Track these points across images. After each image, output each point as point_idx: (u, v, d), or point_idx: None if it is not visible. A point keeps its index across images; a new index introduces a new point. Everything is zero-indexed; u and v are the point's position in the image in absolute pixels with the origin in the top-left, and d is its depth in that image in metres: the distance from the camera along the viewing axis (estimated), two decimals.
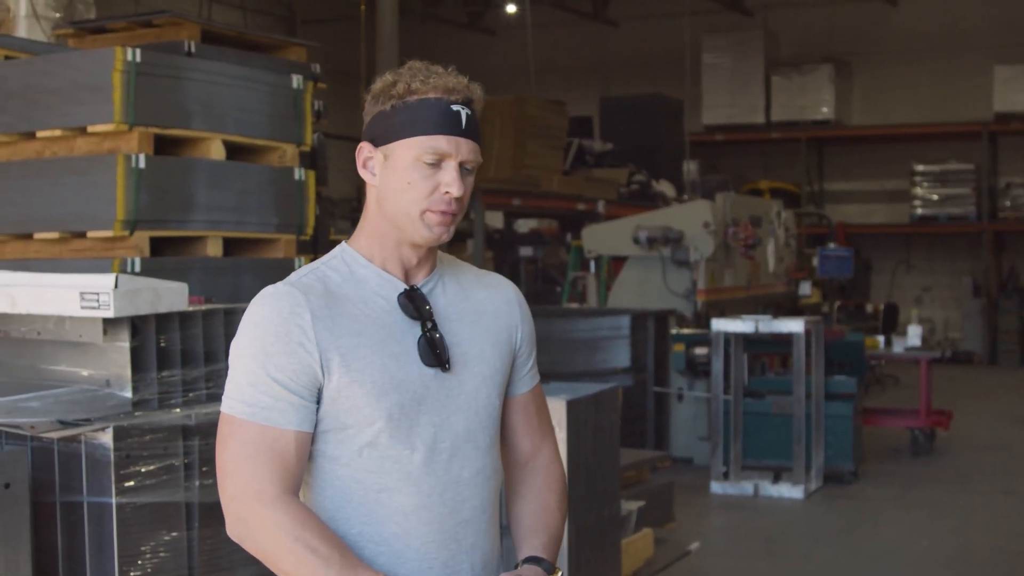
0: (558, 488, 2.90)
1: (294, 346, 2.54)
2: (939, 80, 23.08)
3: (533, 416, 2.91)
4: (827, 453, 11.24)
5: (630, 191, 17.20)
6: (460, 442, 2.66)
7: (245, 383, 2.56)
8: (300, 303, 2.56)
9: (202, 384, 4.92)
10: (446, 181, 2.59)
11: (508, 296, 2.86)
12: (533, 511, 2.84)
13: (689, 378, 12.07)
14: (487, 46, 24.73)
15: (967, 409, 15.04)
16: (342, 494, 2.62)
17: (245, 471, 2.54)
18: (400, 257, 2.68)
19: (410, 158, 2.59)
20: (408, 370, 2.61)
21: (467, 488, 2.67)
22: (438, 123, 2.59)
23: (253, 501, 2.52)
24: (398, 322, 2.63)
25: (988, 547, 8.94)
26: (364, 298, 2.63)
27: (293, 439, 2.55)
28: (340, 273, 2.66)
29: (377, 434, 2.58)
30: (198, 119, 6.41)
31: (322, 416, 2.59)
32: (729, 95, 23.31)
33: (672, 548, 8.70)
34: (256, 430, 2.54)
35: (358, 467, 2.60)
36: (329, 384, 2.56)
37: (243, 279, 6.68)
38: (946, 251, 23.60)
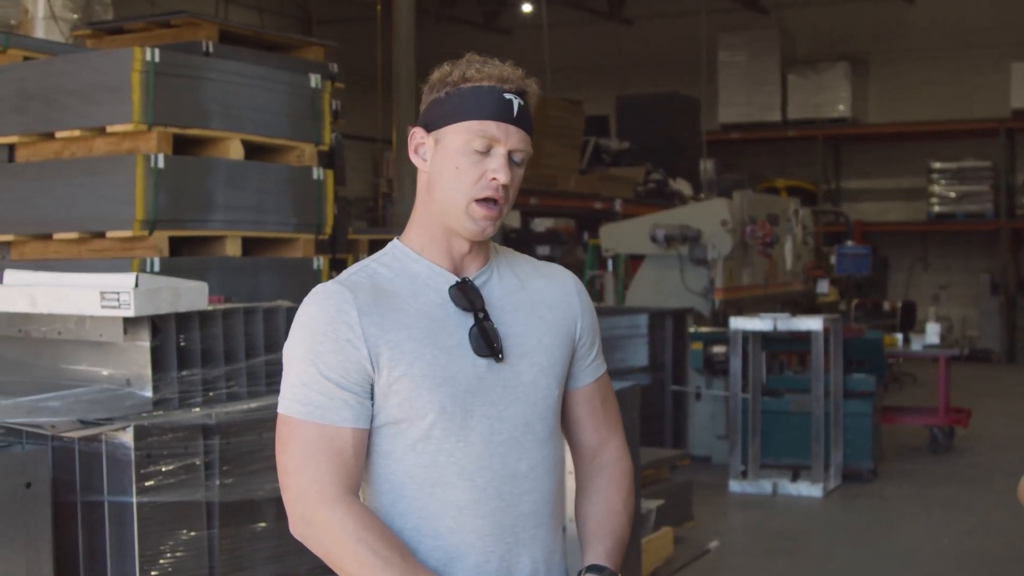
0: (625, 485, 2.87)
1: (342, 343, 2.55)
2: (956, 77, 23.03)
3: (599, 408, 2.87)
4: (846, 451, 11.21)
5: (647, 190, 17.19)
6: (518, 434, 2.65)
7: (299, 383, 2.58)
8: (347, 300, 2.57)
9: (222, 383, 4.93)
10: (493, 167, 2.59)
11: (567, 286, 2.83)
12: (599, 512, 2.81)
13: (707, 376, 12.05)
14: (503, 46, 24.73)
15: (985, 407, 15.00)
16: (396, 489, 2.62)
17: (306, 471, 2.55)
18: (450, 248, 2.68)
19: (460, 142, 2.60)
20: (461, 362, 2.60)
21: (525, 481, 2.66)
22: (489, 109, 2.60)
23: (315, 501, 2.53)
24: (450, 315, 2.63)
25: (1007, 545, 8.91)
26: (414, 292, 2.63)
27: (350, 436, 2.56)
28: (391, 269, 2.67)
29: (430, 427, 2.58)
30: (216, 119, 6.43)
31: (375, 411, 2.60)
32: (745, 93, 23.28)
33: (691, 547, 8.70)
34: (314, 429, 2.55)
35: (412, 462, 2.60)
36: (380, 379, 2.56)
37: (261, 279, 6.69)
38: (963, 249, 23.54)
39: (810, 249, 16.05)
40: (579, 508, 2.86)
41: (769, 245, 13.68)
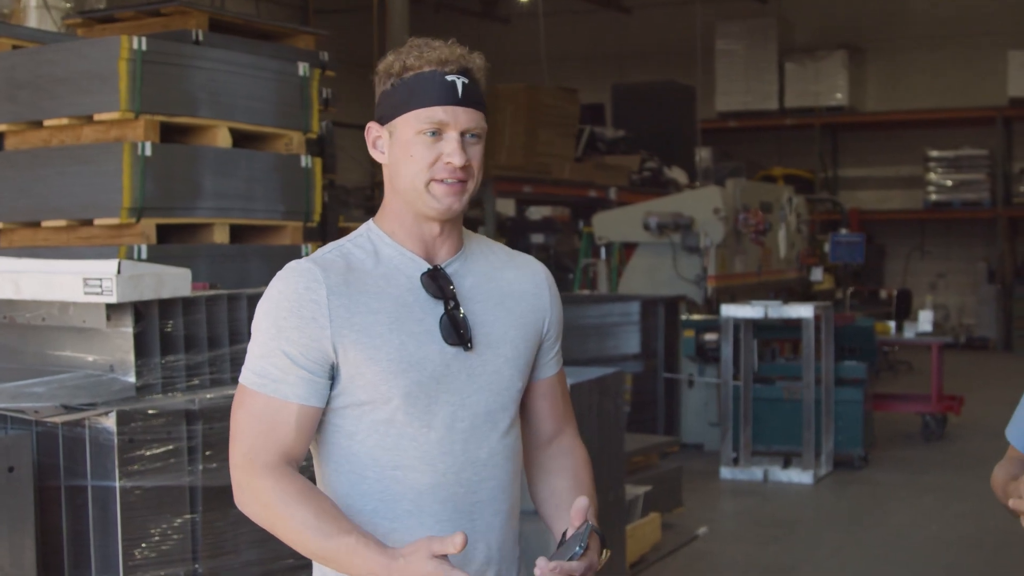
0: (589, 468, 2.91)
1: (307, 321, 2.57)
2: (953, 66, 23.03)
3: (558, 400, 2.92)
4: (837, 438, 11.26)
5: (642, 178, 17.21)
6: (479, 422, 2.67)
7: (258, 354, 2.60)
8: (317, 278, 2.59)
9: (206, 369, 4.96)
10: (447, 151, 2.61)
11: (538, 279, 2.86)
12: (569, 485, 2.84)
13: (699, 364, 12.09)
14: (501, 34, 24.71)
15: (980, 395, 15.05)
16: (357, 471, 2.64)
17: (246, 439, 2.59)
18: (421, 234, 2.69)
19: (411, 132, 2.63)
20: (427, 348, 2.62)
21: (484, 469, 2.68)
22: (433, 95, 2.62)
23: (248, 468, 2.57)
24: (419, 301, 2.65)
25: (998, 532, 8.94)
26: (386, 276, 2.65)
27: (295, 411, 2.58)
28: (364, 250, 2.68)
29: (394, 411, 2.60)
30: (204, 107, 6.45)
31: (340, 392, 2.62)
32: (743, 82, 23.28)
33: (680, 533, 8.74)
34: (262, 400, 2.58)
35: (374, 444, 2.63)
36: (346, 361, 2.58)
37: (250, 266, 6.72)
38: (960, 237, 23.56)
39: (804, 237, 16.08)
40: (544, 484, 2.88)
41: (762, 233, 13.71)
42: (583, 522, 2.59)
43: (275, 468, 2.56)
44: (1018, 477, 2.94)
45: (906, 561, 8.37)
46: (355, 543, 2.46)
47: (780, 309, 10.91)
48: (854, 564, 8.32)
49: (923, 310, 13.86)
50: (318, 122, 7.25)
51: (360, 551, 2.45)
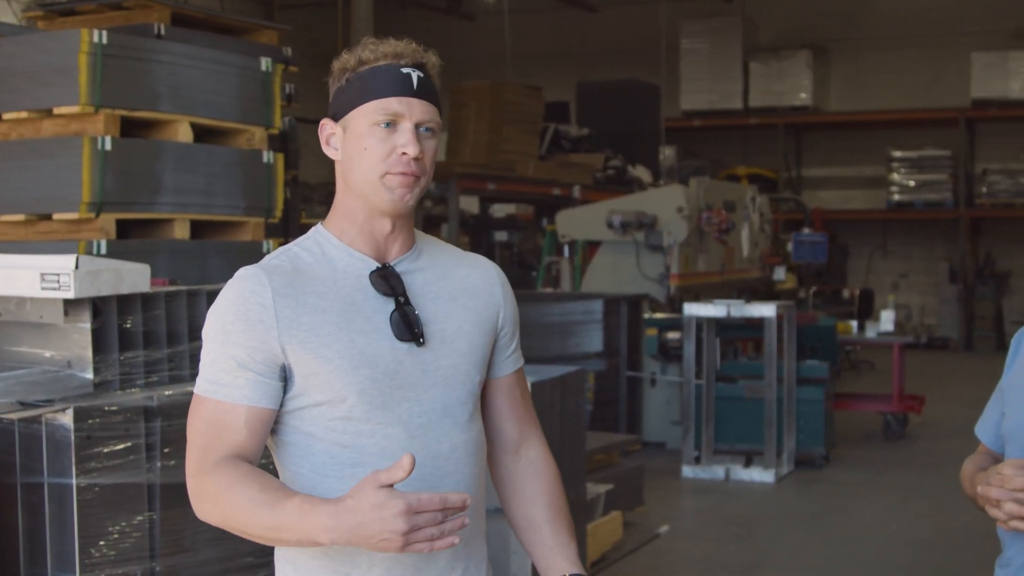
0: (562, 487, 2.92)
1: (253, 323, 2.55)
2: (917, 66, 23.12)
3: (518, 399, 2.91)
4: (798, 437, 11.29)
5: (606, 176, 17.21)
6: (436, 417, 2.66)
7: (208, 362, 2.60)
8: (263, 282, 2.58)
9: (164, 365, 4.93)
10: (401, 142, 2.60)
11: (490, 276, 2.86)
12: (551, 518, 2.85)
13: (662, 362, 12.10)
14: (466, 32, 24.69)
15: (941, 395, 15.11)
16: (318, 469, 2.62)
17: (196, 446, 2.57)
18: (372, 232, 2.68)
19: (365, 124, 2.62)
20: (379, 345, 2.61)
21: (447, 463, 2.67)
22: (388, 86, 2.62)
23: (198, 474, 2.55)
24: (369, 300, 2.64)
25: (959, 531, 8.97)
26: (334, 277, 2.64)
27: (244, 413, 2.56)
28: (312, 253, 2.67)
29: (350, 409, 2.58)
30: (166, 101, 6.42)
31: (296, 394, 2.60)
32: (707, 81, 23.33)
33: (641, 531, 8.74)
34: (212, 406, 2.57)
35: (332, 442, 2.61)
36: (297, 361, 2.57)
37: (211, 262, 6.68)
38: (923, 237, 23.66)
39: (767, 236, 16.11)
40: (520, 509, 2.89)
41: (725, 232, 13.73)
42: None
43: (220, 463, 2.54)
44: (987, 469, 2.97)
45: (867, 560, 8.39)
46: (300, 502, 2.42)
47: (743, 308, 10.93)
48: (815, 563, 8.33)
49: (885, 310, 13.92)
50: (280, 117, 7.23)
51: (306, 509, 2.41)
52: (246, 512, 2.47)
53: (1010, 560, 3.07)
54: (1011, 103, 21.78)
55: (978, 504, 3.05)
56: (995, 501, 2.86)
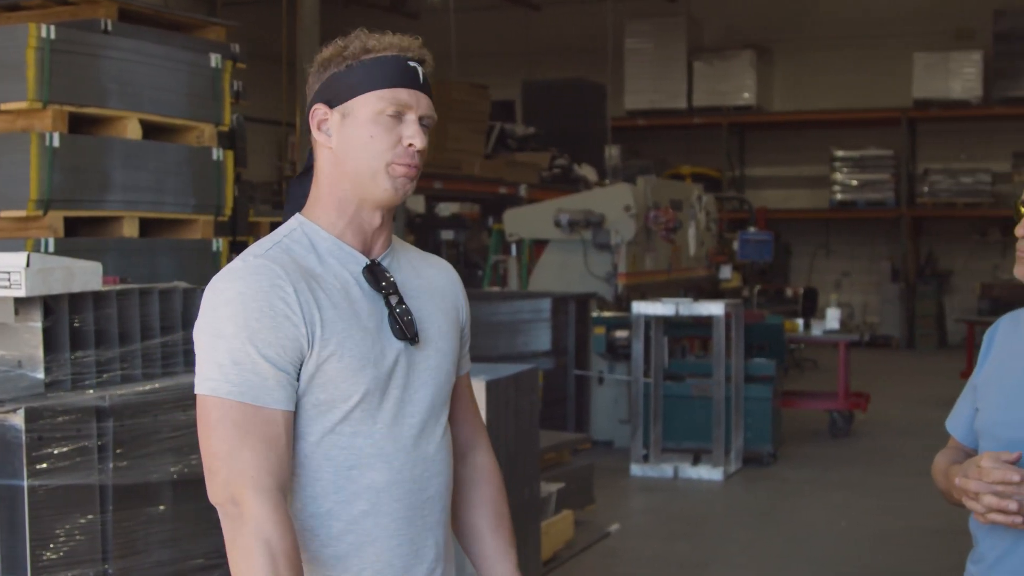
0: (504, 491, 2.92)
1: (280, 319, 2.46)
2: (859, 67, 23.27)
3: (468, 402, 2.90)
4: (746, 435, 11.33)
5: (552, 175, 17.20)
6: (425, 417, 2.64)
7: (229, 362, 2.45)
8: (280, 275, 2.49)
9: (116, 365, 4.86)
10: (408, 134, 2.57)
11: (452, 277, 2.84)
12: (494, 527, 2.86)
13: (610, 361, 12.10)
14: (410, 30, 23.84)
15: (885, 392, 15.22)
16: (311, 472, 2.55)
17: (241, 456, 2.43)
18: (360, 224, 2.62)
19: (372, 112, 2.56)
20: (382, 344, 2.57)
21: (433, 464, 2.65)
22: (398, 77, 2.58)
23: (245, 487, 2.42)
24: (365, 296, 2.59)
25: (905, 527, 9.04)
26: (331, 271, 2.58)
27: (283, 420, 2.47)
28: (303, 246, 2.60)
29: (351, 409, 2.53)
30: (114, 97, 6.35)
31: (299, 392, 2.52)
32: (652, 80, 23.38)
33: (592, 530, 8.74)
34: (248, 411, 2.44)
35: (329, 444, 2.54)
36: (310, 358, 2.50)
37: (160, 260, 6.62)
38: (865, 236, 23.81)
39: (713, 235, 16.16)
40: (465, 517, 2.88)
41: (672, 231, 13.75)
42: None
43: (276, 502, 2.43)
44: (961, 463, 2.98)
45: (815, 556, 8.43)
46: None
47: (691, 307, 10.95)
48: (764, 560, 8.36)
49: (830, 308, 13.98)
50: (230, 115, 7.16)
51: None
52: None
53: (983, 555, 3.07)
54: (952, 103, 21.98)
55: (951, 497, 3.06)
56: (973, 494, 2.88)
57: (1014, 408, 3.03)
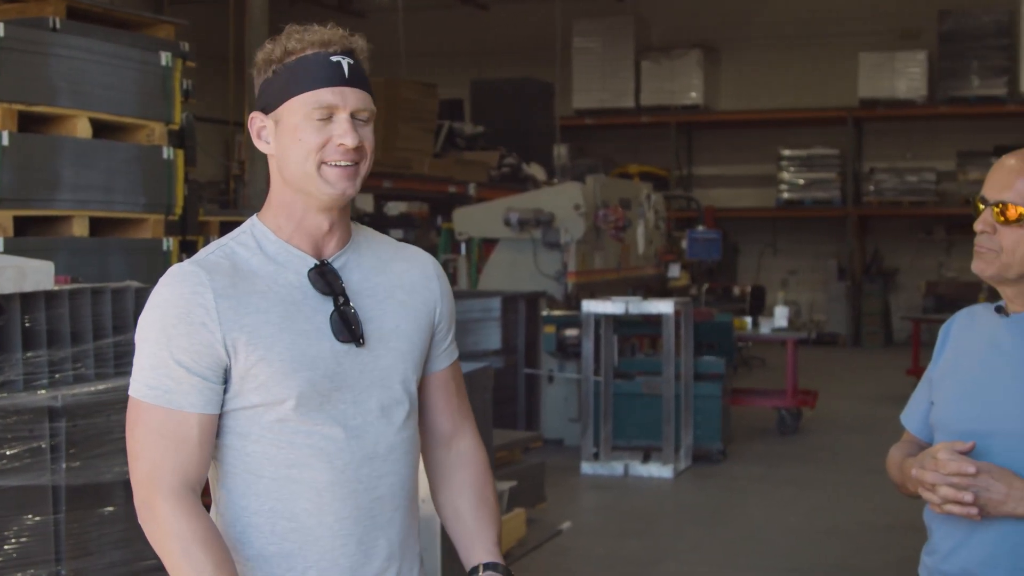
0: (490, 477, 2.91)
1: (196, 326, 2.50)
2: (806, 67, 23.41)
3: (453, 394, 2.89)
4: (696, 433, 11.38)
5: (501, 174, 17.22)
6: (373, 418, 2.63)
7: (148, 366, 2.52)
8: (203, 282, 2.51)
9: (68, 365, 4.85)
10: (338, 133, 2.55)
11: (427, 270, 2.82)
12: (474, 507, 2.84)
13: (560, 360, 12.13)
14: (357, 28, 23.93)
15: (832, 390, 15.33)
16: (253, 471, 2.58)
17: (149, 457, 2.50)
18: (309, 227, 2.62)
19: (299, 117, 2.56)
20: (319, 347, 2.57)
21: (383, 464, 2.65)
22: (319, 77, 2.56)
23: (153, 489, 2.49)
24: (308, 298, 2.59)
25: (854, 522, 9.10)
26: (273, 274, 2.58)
27: (196, 423, 2.51)
28: (249, 248, 2.61)
29: (288, 411, 2.55)
30: (64, 96, 6.32)
31: (232, 395, 2.55)
32: (599, 79, 23.42)
33: (544, 528, 8.76)
34: (161, 414, 2.50)
35: (268, 443, 2.57)
36: (237, 363, 2.52)
37: (110, 259, 6.59)
38: (812, 235, 23.95)
39: (662, 234, 16.22)
40: (448, 500, 2.87)
41: (621, 229, 13.80)
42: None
43: (180, 497, 2.49)
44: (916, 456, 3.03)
45: (765, 552, 8.48)
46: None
47: (640, 305, 10.99)
48: (716, 557, 8.40)
49: (778, 306, 14.09)
50: (180, 113, 7.13)
51: None
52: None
53: (936, 547, 3.11)
54: (897, 103, 22.14)
55: (906, 490, 3.10)
56: (930, 485, 2.92)
57: (969, 402, 3.08)
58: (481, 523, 2.82)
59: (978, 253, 3.05)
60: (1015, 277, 3.03)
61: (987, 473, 2.89)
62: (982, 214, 3.03)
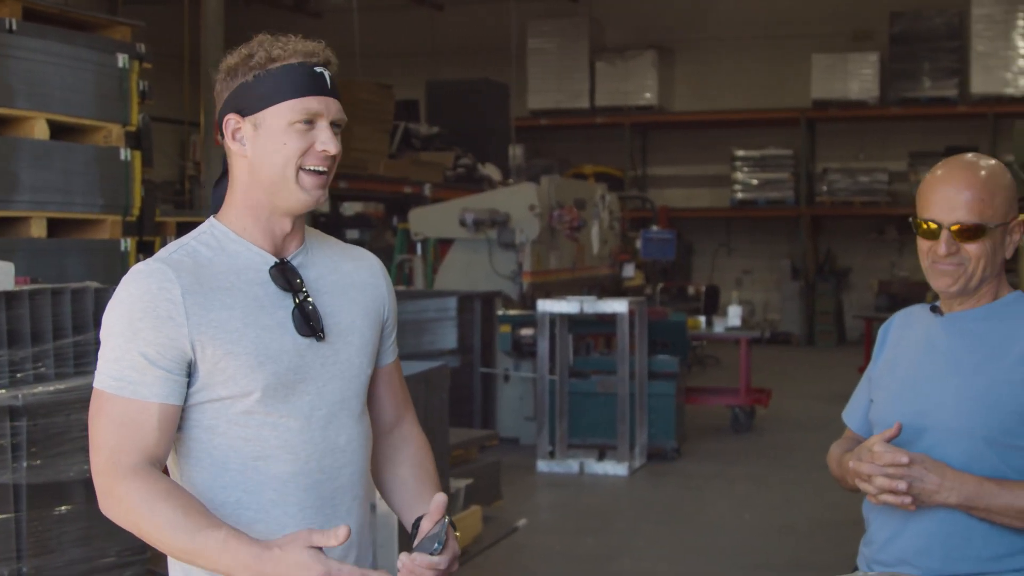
0: (431, 455, 3.00)
1: (163, 320, 2.57)
2: (759, 68, 23.56)
3: (397, 387, 3.00)
4: (650, 431, 11.46)
5: (456, 174, 17.28)
6: (336, 409, 2.72)
7: (113, 359, 2.59)
8: (170, 278, 2.59)
9: (29, 364, 4.88)
10: (321, 139, 2.65)
11: (374, 269, 2.92)
12: (416, 475, 2.93)
13: (515, 359, 12.19)
14: (312, 29, 24.42)
15: (785, 388, 15.44)
16: (219, 463, 2.66)
17: (107, 444, 2.57)
18: (271, 229, 2.71)
19: (284, 123, 2.64)
20: (283, 341, 2.65)
21: (343, 455, 2.74)
22: (306, 85, 2.65)
23: (112, 473, 2.55)
24: (270, 295, 2.68)
25: (808, 519, 9.21)
26: (235, 271, 2.67)
27: (156, 411, 2.58)
28: (210, 248, 2.69)
29: (254, 404, 2.63)
30: (21, 98, 6.34)
31: (199, 388, 2.63)
32: (554, 80, 23.49)
33: (500, 525, 8.82)
34: (121, 404, 2.57)
35: (235, 435, 2.65)
36: (204, 358, 2.59)
37: (68, 260, 6.62)
38: (765, 235, 24.11)
39: (616, 234, 16.30)
40: (389, 475, 2.96)
41: (576, 229, 13.88)
42: (441, 517, 2.65)
43: (138, 470, 2.54)
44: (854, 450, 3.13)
45: (720, 548, 8.57)
46: (225, 537, 2.46)
47: (595, 304, 11.06)
48: (672, 553, 8.48)
49: (732, 305, 14.19)
50: (137, 114, 7.16)
51: (231, 544, 2.45)
52: (163, 532, 2.49)
53: (873, 537, 3.22)
54: (850, 104, 22.32)
55: (846, 483, 3.21)
56: (866, 476, 3.02)
57: (906, 398, 3.19)
58: (422, 485, 2.91)
59: (943, 272, 3.14)
60: (976, 285, 3.14)
61: (920, 464, 3.00)
62: (941, 238, 3.11)
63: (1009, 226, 3.12)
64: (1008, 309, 3.17)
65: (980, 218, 3.06)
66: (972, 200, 3.06)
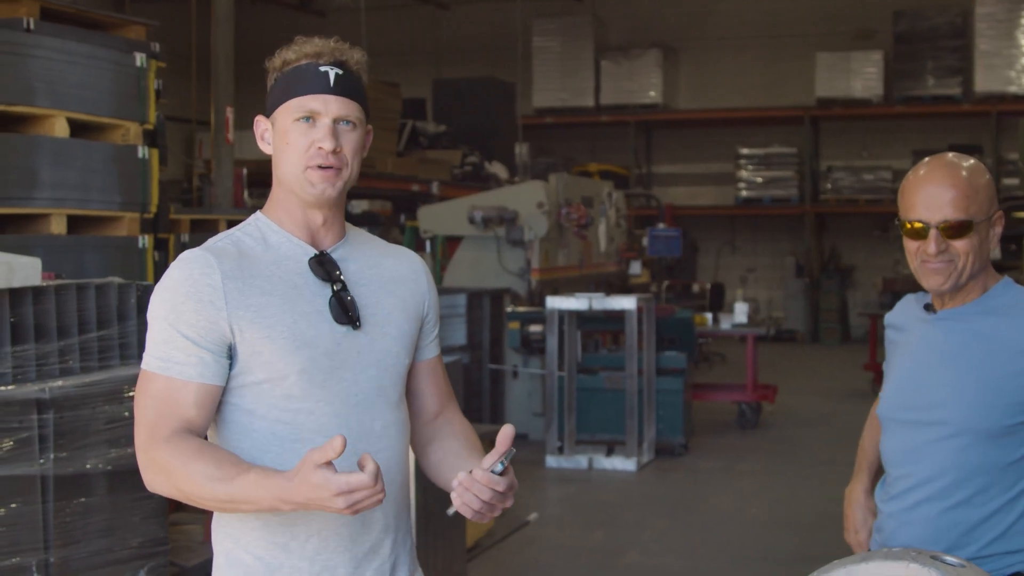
0: (476, 436, 3.05)
1: (204, 304, 2.68)
2: (763, 66, 23.61)
3: (440, 380, 3.08)
4: (658, 427, 11.54)
5: (463, 172, 17.35)
6: (372, 396, 2.81)
7: (159, 340, 2.71)
8: (211, 264, 2.71)
9: (55, 358, 4.96)
10: (318, 136, 2.75)
11: (415, 266, 3.01)
12: (464, 444, 2.96)
13: (524, 355, 12.27)
14: (317, 28, 24.49)
15: (790, 385, 15.51)
16: (259, 446, 2.75)
17: (148, 420, 2.67)
18: (305, 221, 2.83)
19: (288, 121, 2.78)
20: (319, 328, 2.75)
21: (380, 440, 2.82)
22: (306, 85, 2.77)
23: (149, 446, 2.65)
24: (309, 284, 2.79)
25: (813, 512, 9.29)
26: (276, 261, 2.79)
27: (194, 389, 2.68)
28: (254, 238, 2.82)
29: (291, 387, 2.72)
30: (41, 96, 6.42)
31: (239, 371, 2.73)
32: (559, 79, 23.54)
33: (511, 519, 8.90)
34: (163, 382, 2.69)
35: (274, 419, 2.74)
36: (243, 341, 2.70)
37: (87, 257, 6.70)
38: (770, 232, 24.16)
39: (623, 231, 16.37)
40: (436, 448, 3.00)
41: (584, 227, 13.95)
42: (508, 448, 2.66)
43: (171, 437, 2.64)
44: None
45: (727, 542, 8.65)
46: (256, 477, 2.54)
47: (604, 301, 11.13)
48: (679, 547, 8.56)
49: (738, 302, 14.26)
50: (154, 113, 7.24)
51: (263, 482, 2.53)
52: (202, 487, 2.58)
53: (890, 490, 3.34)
54: (853, 102, 22.38)
55: None
56: None
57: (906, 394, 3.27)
58: (471, 452, 2.92)
59: (934, 271, 3.22)
60: (966, 280, 3.22)
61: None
62: (930, 237, 3.19)
63: (992, 219, 3.20)
64: (1000, 301, 3.24)
65: (966, 214, 3.14)
66: (957, 197, 3.14)
